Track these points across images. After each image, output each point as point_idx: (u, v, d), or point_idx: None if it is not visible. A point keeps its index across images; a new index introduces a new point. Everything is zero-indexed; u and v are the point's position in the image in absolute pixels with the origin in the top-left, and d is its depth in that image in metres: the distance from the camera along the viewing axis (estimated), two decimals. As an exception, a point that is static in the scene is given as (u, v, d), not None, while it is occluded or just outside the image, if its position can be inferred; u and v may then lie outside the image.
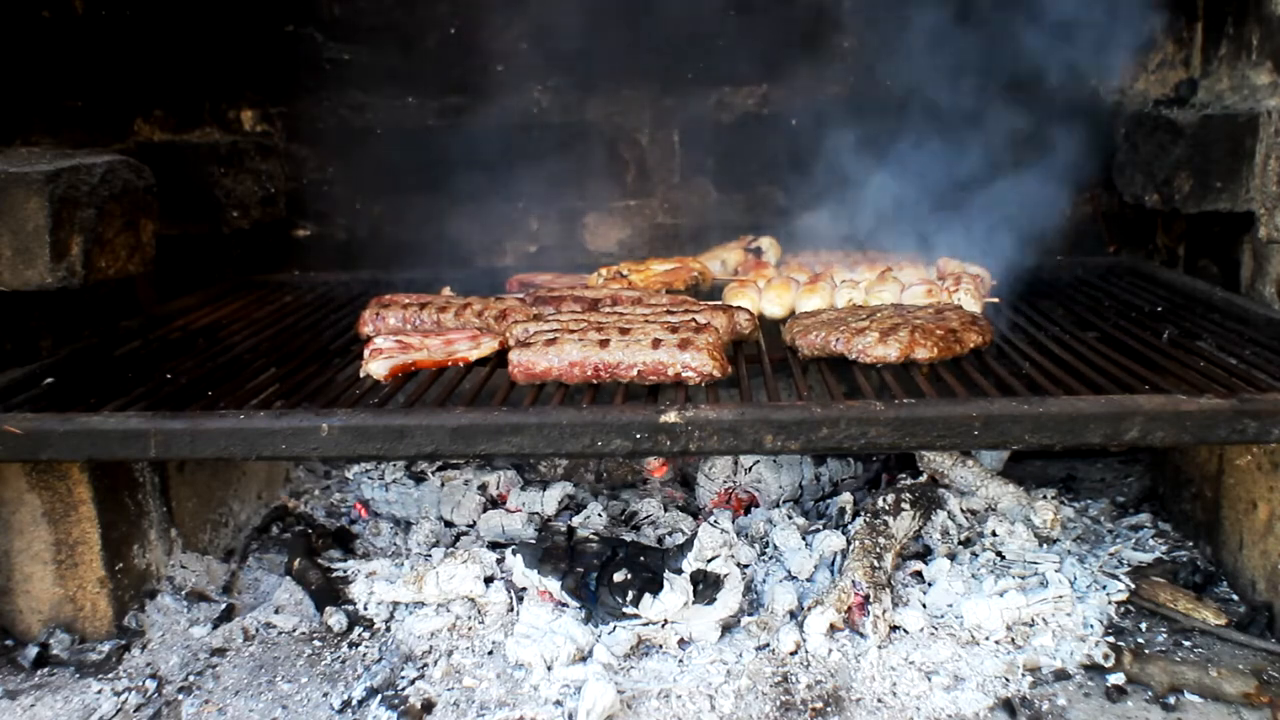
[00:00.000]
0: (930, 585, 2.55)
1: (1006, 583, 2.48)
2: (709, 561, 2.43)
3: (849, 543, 2.58)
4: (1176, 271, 3.19)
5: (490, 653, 2.39)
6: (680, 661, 2.34)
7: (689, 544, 2.46)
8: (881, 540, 2.56)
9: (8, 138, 2.58)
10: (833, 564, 2.59)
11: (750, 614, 2.47)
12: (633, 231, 3.58)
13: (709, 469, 3.05)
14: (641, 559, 2.45)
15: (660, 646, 2.38)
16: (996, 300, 2.84)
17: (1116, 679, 2.23)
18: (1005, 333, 2.59)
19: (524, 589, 2.52)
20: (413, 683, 2.30)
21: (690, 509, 3.01)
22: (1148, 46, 3.34)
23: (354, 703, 2.24)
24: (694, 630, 2.40)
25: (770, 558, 2.66)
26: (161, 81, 3.15)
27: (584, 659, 2.32)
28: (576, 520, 2.92)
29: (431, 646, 2.42)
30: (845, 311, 2.57)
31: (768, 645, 2.37)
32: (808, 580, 2.57)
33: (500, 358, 2.43)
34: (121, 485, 2.55)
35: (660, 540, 2.82)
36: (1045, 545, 2.71)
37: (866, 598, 2.39)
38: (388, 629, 2.51)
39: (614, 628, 2.39)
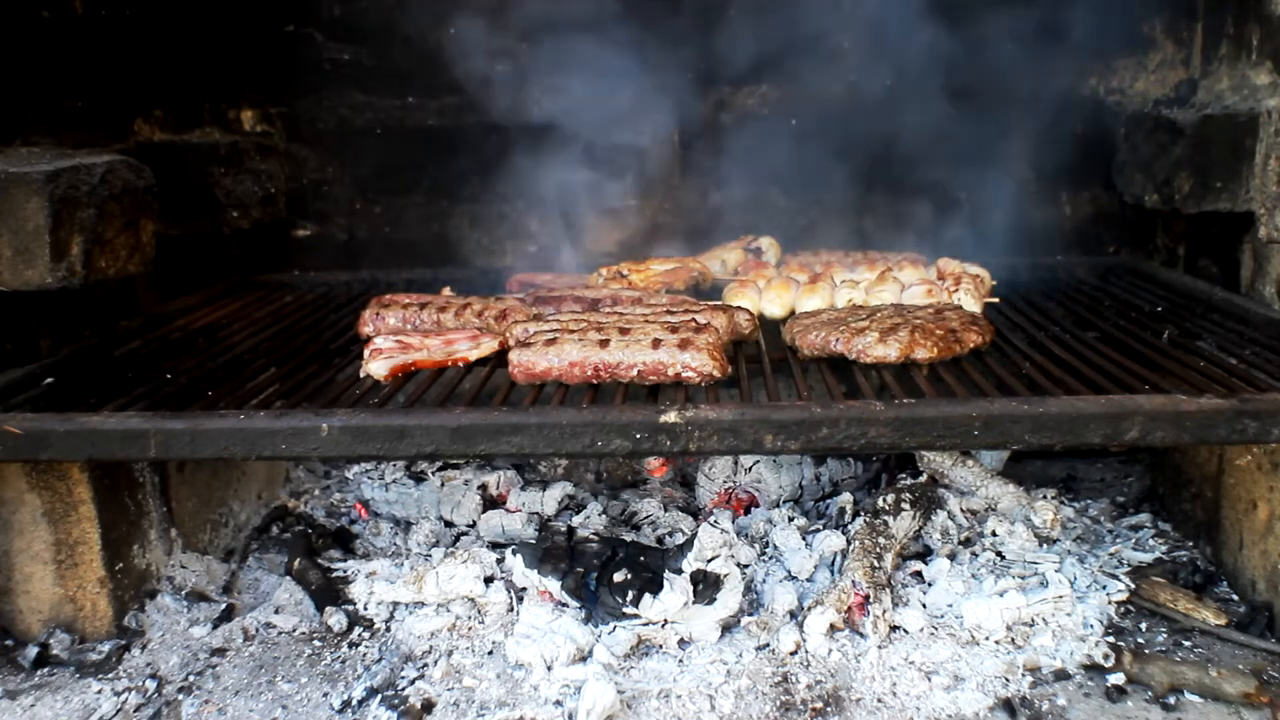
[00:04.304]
0: (930, 585, 2.55)
1: (1006, 583, 2.48)
2: (709, 561, 2.43)
3: (849, 543, 2.58)
4: (1176, 271, 3.19)
5: (490, 653, 2.39)
6: (680, 661, 2.34)
7: (689, 544, 2.46)
8: (881, 540, 2.56)
9: (8, 138, 2.58)
10: (833, 564, 2.59)
11: (750, 614, 2.47)
12: (633, 231, 3.58)
13: (709, 469, 3.06)
14: (641, 559, 2.45)
15: (660, 646, 2.38)
16: (996, 300, 2.84)
17: (1116, 679, 2.23)
18: (1005, 333, 2.59)
19: (524, 589, 2.52)
20: (413, 683, 2.30)
21: (690, 509, 3.01)
22: (1148, 46, 3.35)
23: (354, 703, 2.24)
24: (694, 630, 2.40)
25: (770, 558, 2.66)
26: (161, 81, 3.15)
27: (584, 659, 2.32)
28: (576, 520, 2.92)
29: (431, 646, 2.42)
30: (845, 311, 2.57)
31: (768, 645, 2.37)
32: (808, 580, 2.57)
33: (500, 358, 2.43)
34: (121, 485, 2.55)
35: (660, 540, 2.82)
36: (1045, 545, 2.71)
37: (866, 598, 2.39)
38: (388, 629, 2.51)
39: (614, 628, 2.39)
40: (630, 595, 2.37)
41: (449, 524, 2.99)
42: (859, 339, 2.33)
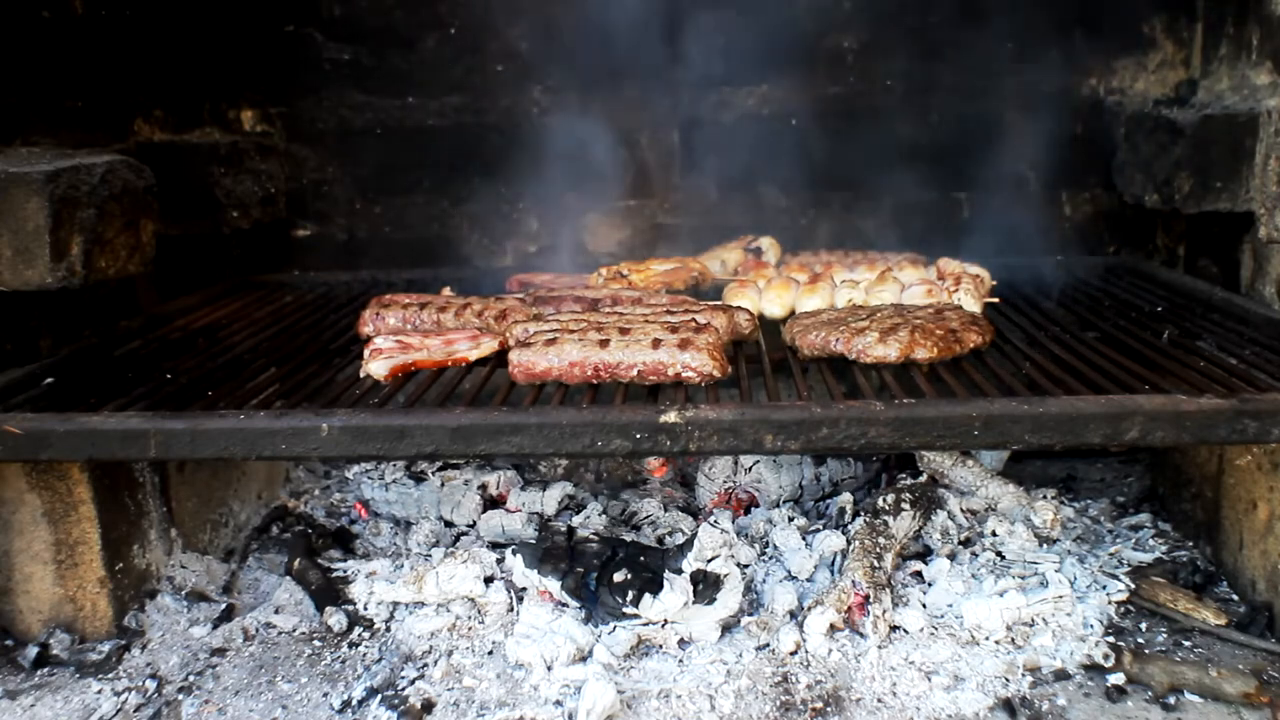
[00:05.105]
0: (930, 585, 2.55)
1: (1006, 583, 2.48)
2: (709, 561, 2.43)
3: (849, 543, 2.58)
4: (1176, 271, 3.19)
5: (490, 653, 2.39)
6: (680, 661, 2.34)
7: (689, 544, 2.46)
8: (881, 540, 2.56)
9: (8, 138, 2.58)
10: (833, 564, 2.59)
11: (750, 614, 2.47)
12: (633, 231, 3.58)
13: (709, 469, 3.05)
14: (641, 559, 2.45)
15: (660, 646, 2.38)
16: (996, 300, 2.84)
17: (1116, 679, 2.24)
18: (1005, 333, 2.59)
19: (524, 589, 2.52)
20: (413, 683, 2.30)
21: (690, 509, 3.01)
22: (1148, 46, 3.35)
23: (354, 703, 2.24)
24: (694, 630, 2.40)
25: (770, 558, 2.66)
26: (161, 81, 3.15)
27: (584, 659, 2.32)
28: (576, 520, 2.92)
29: (431, 646, 2.42)
30: (845, 311, 2.57)
31: (768, 645, 2.37)
32: (808, 580, 2.57)
33: (500, 358, 2.43)
34: (121, 485, 2.55)
35: (660, 540, 2.82)
36: (1045, 545, 2.71)
37: (866, 598, 2.39)
38: (388, 629, 2.51)
39: (614, 628, 2.39)
40: (630, 595, 2.37)
41: (449, 524, 2.99)
42: (859, 339, 2.33)
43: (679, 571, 2.41)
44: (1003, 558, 2.65)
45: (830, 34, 3.42)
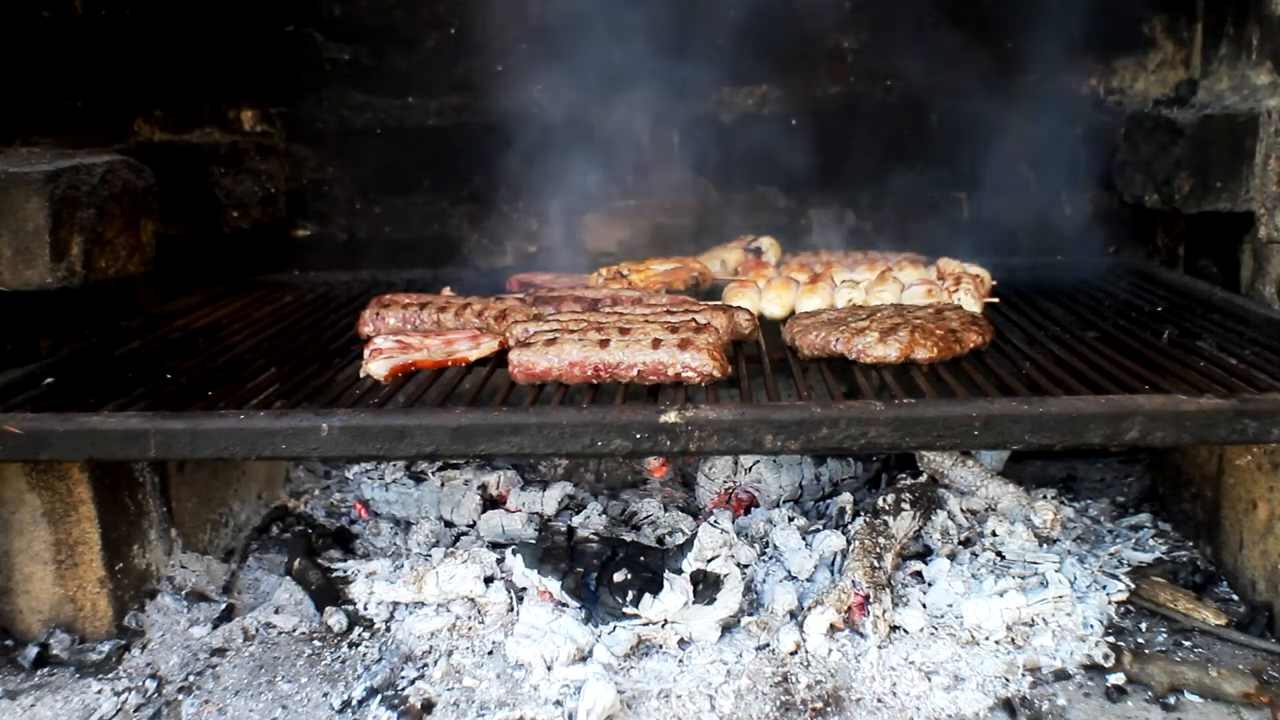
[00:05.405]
0: (930, 585, 2.55)
1: (1006, 583, 2.48)
2: (709, 561, 2.43)
3: (849, 543, 2.58)
4: (1176, 271, 3.19)
5: (490, 653, 2.39)
6: (680, 661, 2.34)
7: (689, 544, 2.46)
8: (881, 540, 2.56)
9: (8, 138, 2.58)
10: (833, 564, 2.59)
11: (750, 614, 2.47)
12: (633, 231, 3.58)
13: (709, 469, 3.05)
14: (641, 559, 2.45)
15: (660, 646, 2.38)
16: (996, 300, 2.84)
17: (1116, 679, 2.24)
18: (1005, 333, 2.59)
19: (524, 589, 2.52)
20: (413, 683, 2.30)
21: (690, 509, 3.01)
22: (1148, 46, 3.35)
23: (354, 703, 2.24)
24: (694, 630, 2.40)
25: (770, 558, 2.66)
26: (161, 81, 3.16)
27: (584, 659, 2.32)
28: (576, 520, 2.92)
29: (431, 646, 2.42)
30: (845, 311, 2.57)
31: (768, 645, 2.37)
32: (808, 580, 2.57)
33: (500, 358, 2.43)
34: (121, 485, 2.55)
35: (660, 540, 2.82)
36: (1045, 545, 2.71)
37: (866, 598, 2.39)
38: (388, 629, 2.51)
39: (614, 628, 2.39)
40: (630, 595, 2.37)
41: (449, 524, 2.99)
42: (859, 339, 2.33)
43: (679, 571, 2.41)
44: (1003, 558, 2.65)
45: (830, 34, 3.42)
